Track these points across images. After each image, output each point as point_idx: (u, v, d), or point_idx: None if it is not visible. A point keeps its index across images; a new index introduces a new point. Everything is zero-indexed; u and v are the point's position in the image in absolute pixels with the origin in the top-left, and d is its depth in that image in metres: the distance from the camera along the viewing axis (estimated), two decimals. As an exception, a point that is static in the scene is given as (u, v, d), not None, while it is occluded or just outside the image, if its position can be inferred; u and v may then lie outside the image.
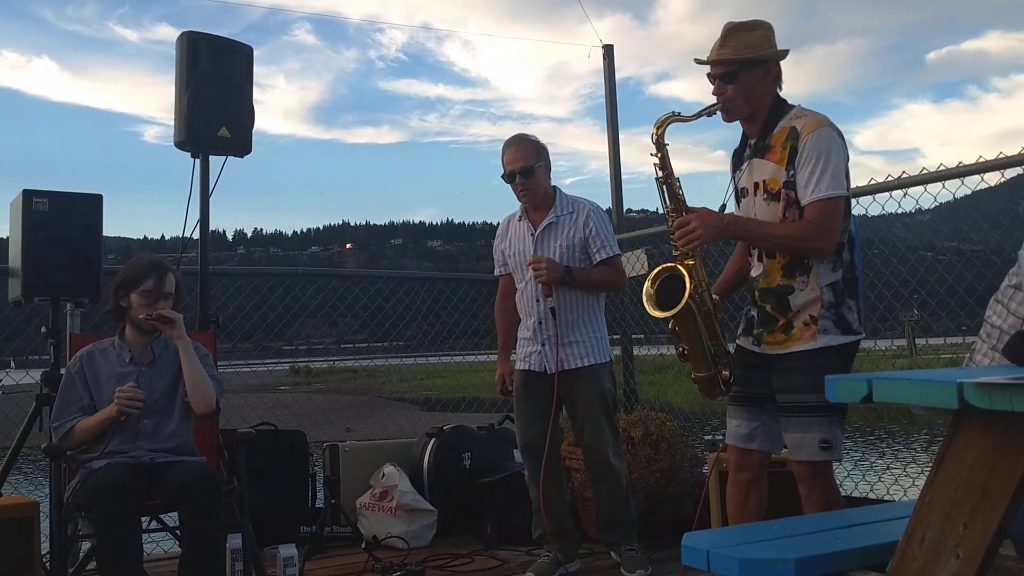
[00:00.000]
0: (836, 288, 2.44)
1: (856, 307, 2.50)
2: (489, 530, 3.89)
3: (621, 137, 5.45)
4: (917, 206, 4.14)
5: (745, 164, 2.61)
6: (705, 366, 2.55)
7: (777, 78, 2.55)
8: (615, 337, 5.11)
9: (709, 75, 2.56)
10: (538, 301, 3.33)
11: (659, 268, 2.55)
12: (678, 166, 2.61)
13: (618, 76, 5.37)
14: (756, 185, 2.54)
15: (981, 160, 3.63)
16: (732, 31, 2.52)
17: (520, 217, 3.47)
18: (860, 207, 4.06)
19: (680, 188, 2.58)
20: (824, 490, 2.44)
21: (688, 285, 2.43)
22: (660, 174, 2.57)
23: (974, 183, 3.76)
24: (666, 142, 2.55)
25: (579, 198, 3.42)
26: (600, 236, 3.34)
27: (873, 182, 4.01)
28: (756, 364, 2.55)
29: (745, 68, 2.49)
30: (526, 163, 3.32)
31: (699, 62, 2.60)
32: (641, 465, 3.75)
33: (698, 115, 2.56)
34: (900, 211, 4.14)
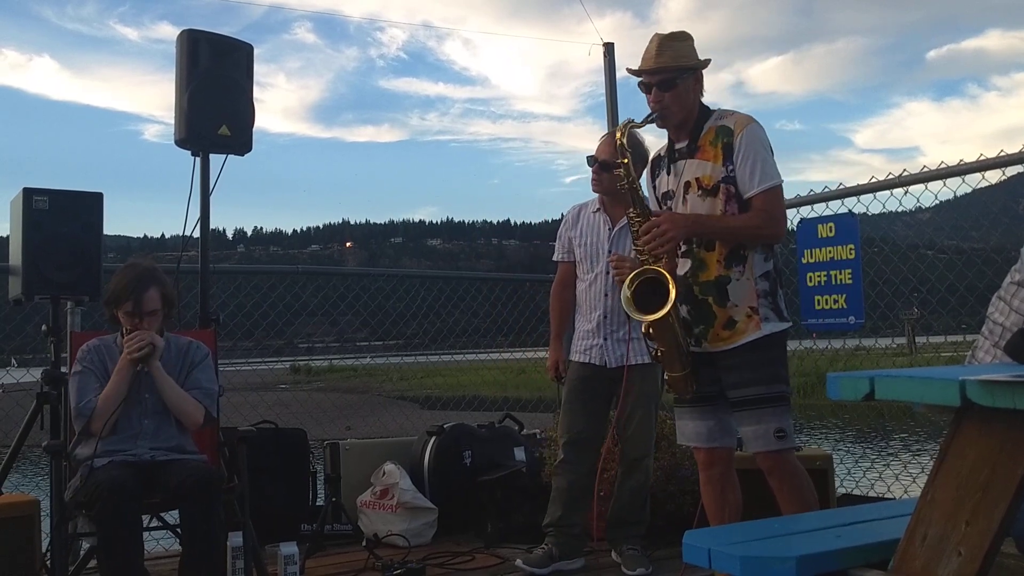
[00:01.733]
0: (769, 277, 2.59)
1: (784, 296, 2.65)
2: (490, 528, 3.89)
3: (621, 135, 5.43)
4: (918, 204, 4.15)
5: (672, 167, 2.71)
6: (680, 366, 2.61)
7: (701, 85, 2.69)
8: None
9: (642, 84, 2.67)
10: (607, 295, 3.36)
11: (637, 270, 2.59)
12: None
13: (618, 74, 5.37)
14: (688, 184, 2.65)
15: (982, 158, 3.64)
16: (666, 41, 2.65)
17: (597, 209, 3.49)
18: (861, 205, 4.07)
19: (642, 193, 2.68)
20: (792, 479, 2.54)
21: (672, 290, 2.48)
22: (624, 182, 2.65)
23: (975, 181, 3.77)
24: (629, 149, 2.66)
25: None
26: None
27: (874, 180, 4.01)
28: (702, 362, 2.63)
29: (680, 75, 2.62)
30: (608, 157, 3.33)
31: (633, 72, 2.70)
32: (642, 463, 3.75)
33: (644, 122, 2.68)
34: (901, 209, 4.16)
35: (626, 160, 2.64)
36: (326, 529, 3.96)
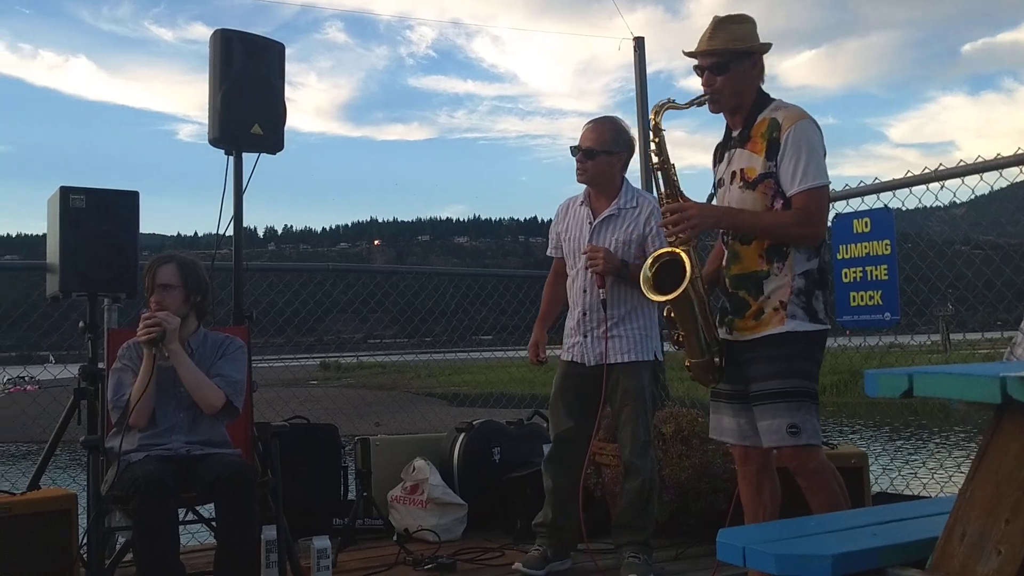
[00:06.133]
0: (809, 276, 2.51)
1: (824, 299, 2.56)
2: (519, 525, 3.89)
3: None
4: (953, 199, 4.08)
5: (726, 155, 2.66)
6: (700, 352, 2.57)
7: (761, 72, 2.61)
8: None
9: (697, 67, 2.61)
10: (585, 292, 3.28)
11: (657, 252, 2.57)
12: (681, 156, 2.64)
13: (649, 69, 5.34)
14: (733, 174, 2.60)
15: (1019, 152, 3.57)
16: (721, 23, 2.58)
17: (582, 201, 3.40)
18: (897, 200, 4.02)
19: (675, 175, 2.62)
20: (817, 478, 2.49)
21: (688, 270, 2.45)
22: (656, 160, 2.61)
23: (1012, 175, 3.70)
24: (663, 128, 2.59)
25: (646, 193, 3.37)
26: (660, 237, 3.24)
27: (910, 175, 3.95)
28: (734, 360, 2.59)
29: (735, 59, 2.55)
30: (591, 145, 3.27)
31: (688, 54, 2.64)
32: (673, 461, 3.73)
33: (690, 104, 2.61)
34: (935, 205, 4.10)
35: (658, 139, 2.58)
36: (357, 523, 3.99)
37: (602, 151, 3.26)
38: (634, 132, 3.47)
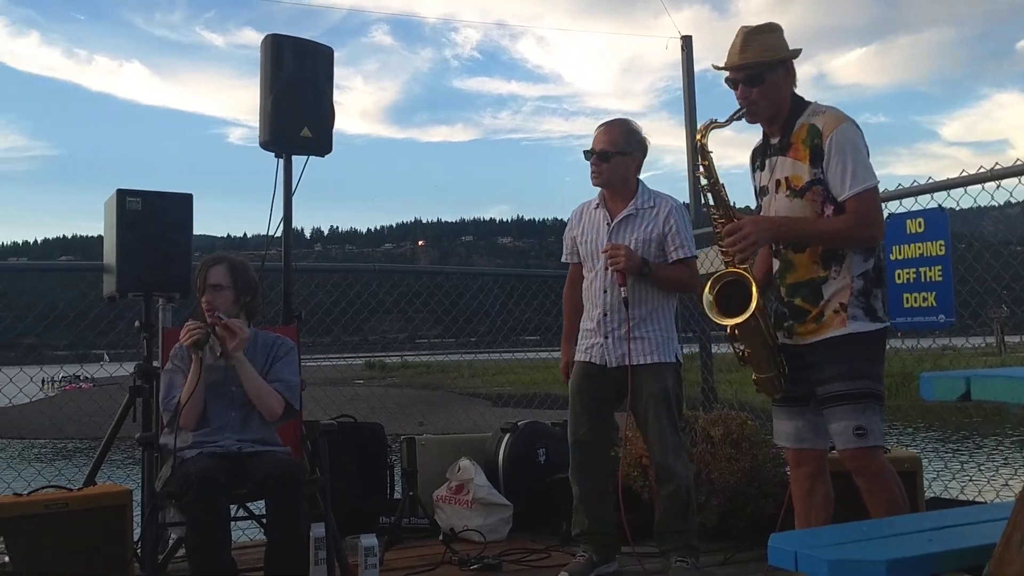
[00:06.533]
0: (867, 277, 2.51)
1: (882, 296, 2.56)
2: (564, 526, 3.88)
3: (700, 130, 5.37)
4: (1009, 199, 3.98)
5: (767, 162, 2.66)
6: (768, 367, 2.57)
7: (794, 78, 2.62)
8: (689, 335, 5.05)
9: (729, 80, 2.61)
10: (606, 292, 3.24)
11: (718, 274, 2.56)
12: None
13: (696, 67, 5.30)
14: (778, 182, 2.60)
15: (1080, 150, 3.46)
16: (750, 35, 2.58)
17: (597, 205, 3.38)
18: (952, 200, 3.92)
19: (726, 194, 2.63)
20: (878, 479, 2.47)
21: (755, 294, 2.46)
22: (706, 182, 2.62)
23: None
24: (710, 149, 2.62)
25: (662, 194, 3.34)
26: (679, 235, 3.25)
27: (964, 174, 3.86)
28: (793, 358, 2.59)
29: (768, 70, 2.55)
30: (605, 147, 3.26)
31: (719, 68, 2.64)
32: (722, 465, 3.69)
33: (730, 120, 2.63)
34: (990, 204, 3.99)
35: (707, 162, 2.59)
36: (403, 522, 4.02)
37: (616, 152, 3.26)
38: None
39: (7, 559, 2.31)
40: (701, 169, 2.63)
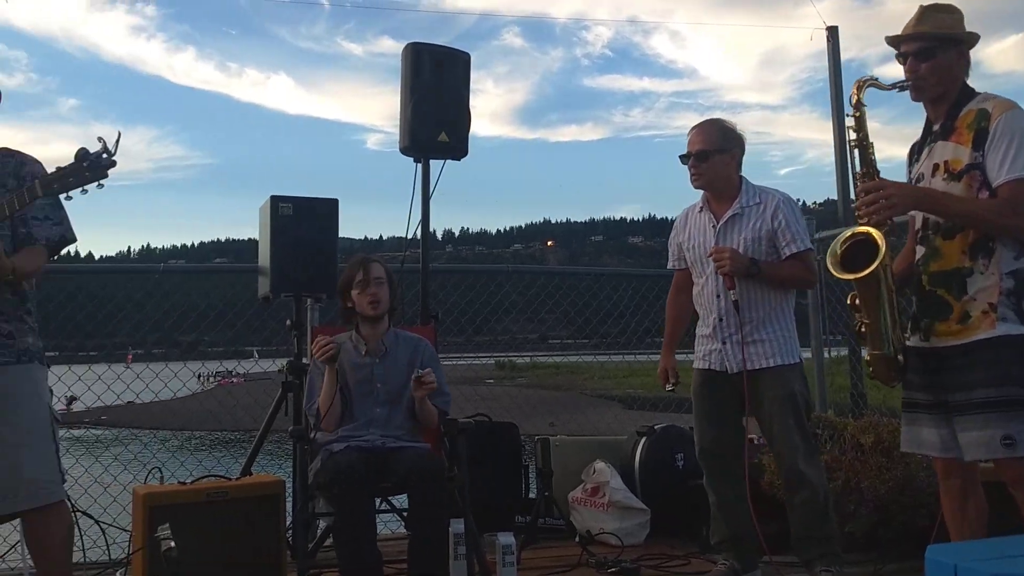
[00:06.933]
0: (1017, 276, 2.34)
1: None
2: (704, 533, 3.79)
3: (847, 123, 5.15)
4: None
5: (925, 150, 2.53)
6: (881, 342, 2.43)
7: (967, 64, 2.49)
8: (838, 337, 4.83)
9: (899, 55, 2.51)
10: (719, 297, 3.15)
11: (851, 231, 2.43)
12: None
13: (842, 57, 5.08)
14: (936, 167, 2.46)
15: None
16: (928, 11, 2.48)
17: (701, 208, 3.29)
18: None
19: (873, 153, 2.51)
20: None
21: (881, 247, 2.32)
22: (854, 137, 2.52)
23: None
24: (864, 104, 2.51)
25: (768, 188, 3.22)
26: (790, 229, 3.11)
27: None
28: (933, 368, 2.44)
29: (941, 46, 2.44)
30: (703, 147, 3.17)
31: (892, 39, 2.53)
32: (872, 473, 3.51)
33: (893, 86, 2.51)
34: None
35: (859, 114, 2.50)
36: (539, 522, 4.04)
37: (714, 151, 3.15)
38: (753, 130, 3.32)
39: (172, 544, 2.47)
40: (852, 122, 2.52)
